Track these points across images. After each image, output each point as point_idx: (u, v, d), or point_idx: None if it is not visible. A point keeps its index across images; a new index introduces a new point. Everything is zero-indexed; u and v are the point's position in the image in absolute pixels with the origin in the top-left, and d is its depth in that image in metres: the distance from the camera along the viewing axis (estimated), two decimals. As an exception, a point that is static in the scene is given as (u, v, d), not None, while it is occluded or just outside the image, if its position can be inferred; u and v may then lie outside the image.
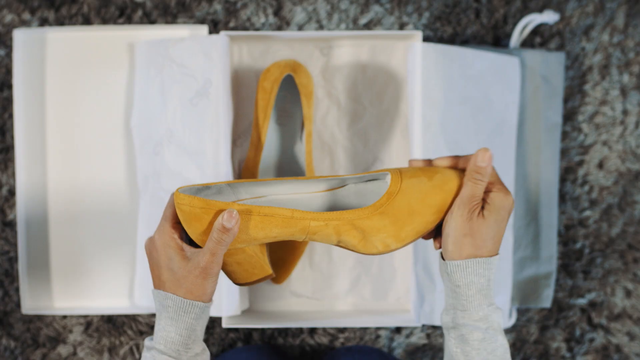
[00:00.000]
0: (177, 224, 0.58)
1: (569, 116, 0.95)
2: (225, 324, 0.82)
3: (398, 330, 0.94)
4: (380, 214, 0.58)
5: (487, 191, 0.59)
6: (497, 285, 0.89)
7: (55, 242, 0.91)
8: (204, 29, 0.89)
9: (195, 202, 0.56)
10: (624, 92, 0.95)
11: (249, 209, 0.57)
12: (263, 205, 0.61)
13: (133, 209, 0.90)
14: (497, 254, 0.59)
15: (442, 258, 0.61)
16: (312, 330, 0.94)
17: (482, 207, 0.59)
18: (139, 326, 0.93)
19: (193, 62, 0.82)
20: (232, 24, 0.92)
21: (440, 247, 0.62)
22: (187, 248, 0.57)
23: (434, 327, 0.94)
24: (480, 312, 0.58)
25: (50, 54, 0.90)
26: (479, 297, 0.58)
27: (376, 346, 0.94)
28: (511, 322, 0.93)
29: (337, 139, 0.91)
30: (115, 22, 0.92)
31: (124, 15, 0.92)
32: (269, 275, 0.64)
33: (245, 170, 0.86)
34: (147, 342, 0.59)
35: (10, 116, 0.92)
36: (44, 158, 0.90)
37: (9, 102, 0.92)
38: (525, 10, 0.93)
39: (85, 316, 0.93)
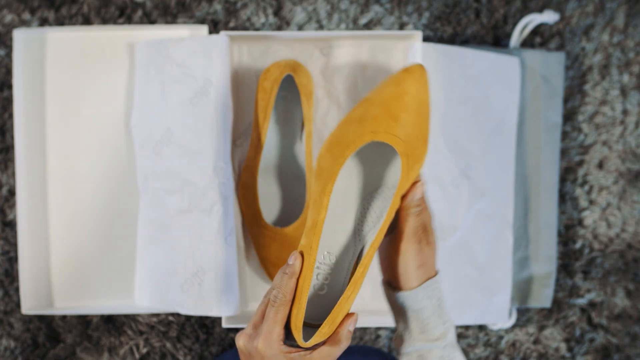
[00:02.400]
0: (282, 330, 0.55)
1: (569, 116, 0.95)
2: (225, 324, 0.82)
3: (398, 330, 0.94)
4: (411, 169, 0.57)
5: (408, 212, 0.59)
6: (497, 285, 0.89)
7: (55, 242, 0.91)
8: (204, 29, 0.90)
9: (325, 331, 0.54)
10: (624, 92, 0.95)
11: (353, 287, 0.56)
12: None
13: (133, 209, 0.90)
14: (437, 272, 0.60)
15: (390, 287, 0.61)
16: (312, 330, 0.94)
17: (427, 234, 0.59)
18: (139, 326, 0.93)
19: (193, 62, 0.82)
20: (232, 24, 0.92)
21: (385, 279, 0.62)
22: (299, 354, 0.55)
23: (434, 327, 0.94)
24: (437, 331, 0.59)
25: (50, 54, 0.90)
26: (434, 318, 0.59)
27: (376, 346, 0.94)
28: (511, 322, 0.93)
29: (337, 139, 0.91)
30: (115, 22, 0.92)
31: (124, 15, 0.92)
32: None
33: (245, 170, 0.86)
34: None
35: (10, 116, 0.92)
36: (44, 158, 0.90)
37: (9, 102, 0.92)
38: (525, 10, 0.93)
39: (85, 316, 0.93)
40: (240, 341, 0.57)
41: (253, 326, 0.57)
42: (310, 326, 0.58)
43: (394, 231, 0.60)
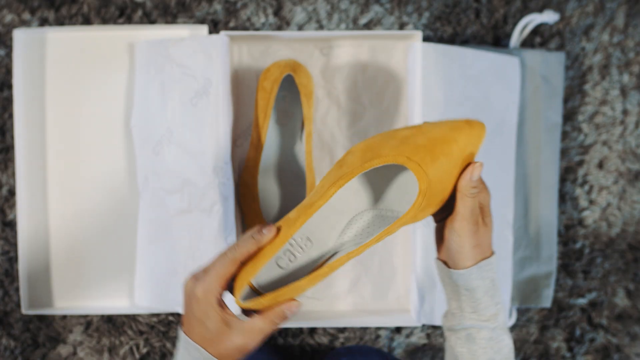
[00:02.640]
0: (225, 284, 0.56)
1: (569, 116, 0.95)
2: (225, 324, 0.82)
3: (398, 330, 0.94)
4: (421, 210, 0.57)
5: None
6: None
7: (55, 242, 0.91)
8: (204, 29, 0.90)
9: (270, 300, 0.55)
10: (624, 92, 0.95)
11: (313, 279, 0.56)
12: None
13: (133, 208, 0.90)
14: (493, 252, 0.60)
15: (445, 264, 0.60)
16: (312, 330, 0.94)
17: (482, 215, 0.59)
18: (139, 326, 0.93)
19: (193, 62, 0.82)
20: (232, 24, 0.92)
21: (442, 258, 0.61)
22: (231, 316, 0.56)
23: (434, 327, 0.94)
24: (488, 312, 0.59)
25: (50, 54, 0.90)
26: (487, 299, 0.59)
27: (376, 346, 0.94)
28: (511, 322, 0.93)
29: (337, 139, 0.91)
30: (115, 22, 0.92)
31: (124, 15, 0.92)
32: None
33: (245, 170, 0.86)
34: None
35: (10, 116, 0.92)
36: (44, 158, 0.90)
37: (9, 102, 0.92)
38: (525, 10, 0.93)
39: (85, 316, 0.93)
40: (187, 281, 0.57)
41: (204, 270, 0.57)
42: (255, 292, 0.58)
43: (451, 211, 0.60)
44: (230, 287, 0.57)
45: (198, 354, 0.56)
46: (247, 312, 0.58)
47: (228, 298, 0.57)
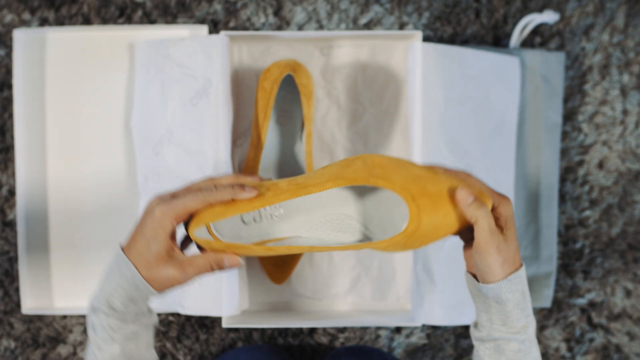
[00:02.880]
0: (186, 217, 0.57)
1: (569, 116, 0.95)
2: (225, 324, 0.82)
3: (398, 330, 0.94)
4: (394, 245, 0.57)
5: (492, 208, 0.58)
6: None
7: (55, 242, 0.91)
8: (204, 29, 0.89)
9: (219, 246, 0.56)
10: (624, 92, 0.95)
11: (267, 249, 0.57)
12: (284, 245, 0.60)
13: (133, 209, 0.90)
14: (522, 264, 0.59)
15: (474, 277, 0.60)
16: (312, 330, 0.94)
17: (499, 226, 0.57)
18: (139, 326, 0.93)
19: (193, 62, 0.82)
20: (232, 24, 0.92)
21: (471, 271, 0.61)
22: (176, 247, 0.57)
23: (434, 327, 0.94)
24: (518, 324, 0.58)
25: (50, 54, 0.90)
26: (517, 311, 0.58)
27: (376, 346, 0.94)
28: (511, 322, 0.93)
29: (337, 139, 0.91)
30: (115, 22, 0.92)
31: (124, 15, 0.92)
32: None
33: (245, 170, 0.86)
34: (93, 302, 0.58)
35: (10, 116, 0.92)
36: (44, 158, 0.90)
37: (9, 102, 0.92)
38: (525, 10, 0.93)
39: (85, 316, 0.93)
40: (152, 199, 0.57)
41: (172, 195, 0.57)
42: (208, 233, 0.59)
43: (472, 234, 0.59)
44: (188, 218, 0.58)
45: (129, 273, 0.56)
46: (184, 245, 0.60)
47: (181, 230, 0.59)
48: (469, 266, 0.61)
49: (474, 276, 0.60)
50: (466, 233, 0.60)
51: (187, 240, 0.62)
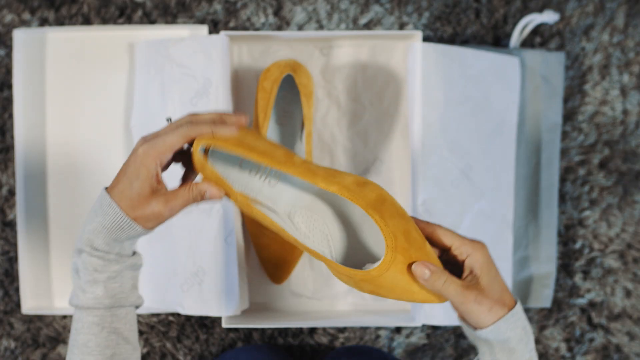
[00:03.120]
0: (169, 153, 0.56)
1: (569, 116, 0.95)
2: (225, 324, 0.82)
3: (398, 330, 0.94)
4: (353, 283, 0.57)
5: (461, 258, 0.57)
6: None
7: (55, 242, 0.91)
8: (204, 29, 0.89)
9: (208, 172, 0.57)
10: (624, 92, 0.95)
11: (247, 205, 0.57)
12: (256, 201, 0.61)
13: (133, 209, 0.90)
14: (516, 301, 0.58)
15: (471, 326, 0.59)
16: (312, 330, 0.94)
17: (474, 276, 0.57)
18: (139, 326, 0.93)
19: (193, 62, 0.82)
20: (232, 24, 0.92)
21: (463, 317, 0.60)
22: (159, 183, 0.57)
23: (434, 327, 0.94)
24: (523, 358, 0.58)
25: (50, 54, 0.90)
26: (521, 346, 0.57)
27: (376, 346, 0.94)
28: (511, 322, 0.93)
29: (337, 139, 0.91)
30: (115, 22, 0.92)
31: (124, 15, 0.92)
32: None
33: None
34: (76, 243, 0.58)
35: (10, 116, 0.92)
36: (43, 158, 0.90)
37: (9, 102, 0.92)
38: (525, 10, 0.93)
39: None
40: (139, 140, 0.57)
41: (154, 134, 0.57)
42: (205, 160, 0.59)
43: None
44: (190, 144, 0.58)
45: (112, 212, 0.56)
46: (186, 179, 0.61)
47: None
48: (462, 320, 0.59)
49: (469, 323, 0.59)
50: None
51: (188, 174, 0.62)
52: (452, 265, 0.58)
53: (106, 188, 0.58)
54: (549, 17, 0.91)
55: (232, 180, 0.60)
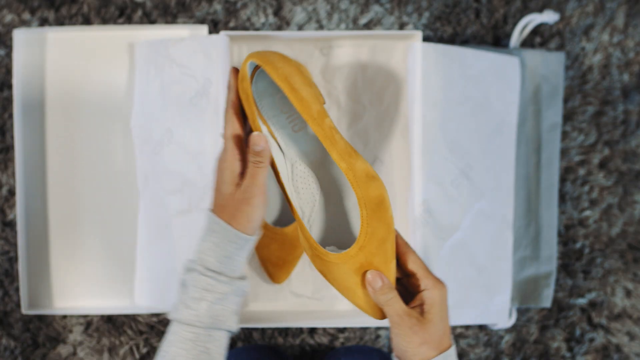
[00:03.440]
0: (239, 141, 0.59)
1: (569, 116, 0.95)
2: (225, 324, 0.82)
3: (398, 330, 0.94)
4: (319, 262, 0.58)
5: (418, 289, 0.58)
6: (497, 285, 0.89)
7: (55, 242, 0.91)
8: (204, 29, 0.90)
9: (246, 85, 0.59)
10: (624, 92, 0.95)
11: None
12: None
13: (133, 209, 0.90)
14: (451, 344, 0.58)
15: None
16: (312, 330, 0.94)
17: (422, 310, 0.57)
18: (139, 326, 0.93)
19: (193, 62, 0.82)
20: (232, 24, 0.92)
21: (397, 355, 0.60)
22: (240, 178, 0.59)
23: (434, 327, 0.94)
24: None
25: (50, 54, 0.90)
26: None
27: (376, 346, 0.94)
28: (511, 322, 0.93)
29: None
30: (115, 22, 0.92)
31: (124, 15, 0.92)
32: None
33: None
34: (188, 263, 0.59)
35: (10, 116, 0.92)
36: (43, 158, 0.90)
37: (9, 102, 0.92)
38: (525, 10, 0.93)
39: (85, 316, 0.93)
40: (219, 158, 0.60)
41: (223, 147, 0.60)
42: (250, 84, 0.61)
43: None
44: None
45: (218, 227, 0.58)
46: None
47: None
48: (395, 349, 0.59)
49: None
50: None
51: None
52: (406, 292, 0.59)
53: (211, 210, 0.59)
54: (549, 17, 0.91)
55: (263, 106, 0.61)
